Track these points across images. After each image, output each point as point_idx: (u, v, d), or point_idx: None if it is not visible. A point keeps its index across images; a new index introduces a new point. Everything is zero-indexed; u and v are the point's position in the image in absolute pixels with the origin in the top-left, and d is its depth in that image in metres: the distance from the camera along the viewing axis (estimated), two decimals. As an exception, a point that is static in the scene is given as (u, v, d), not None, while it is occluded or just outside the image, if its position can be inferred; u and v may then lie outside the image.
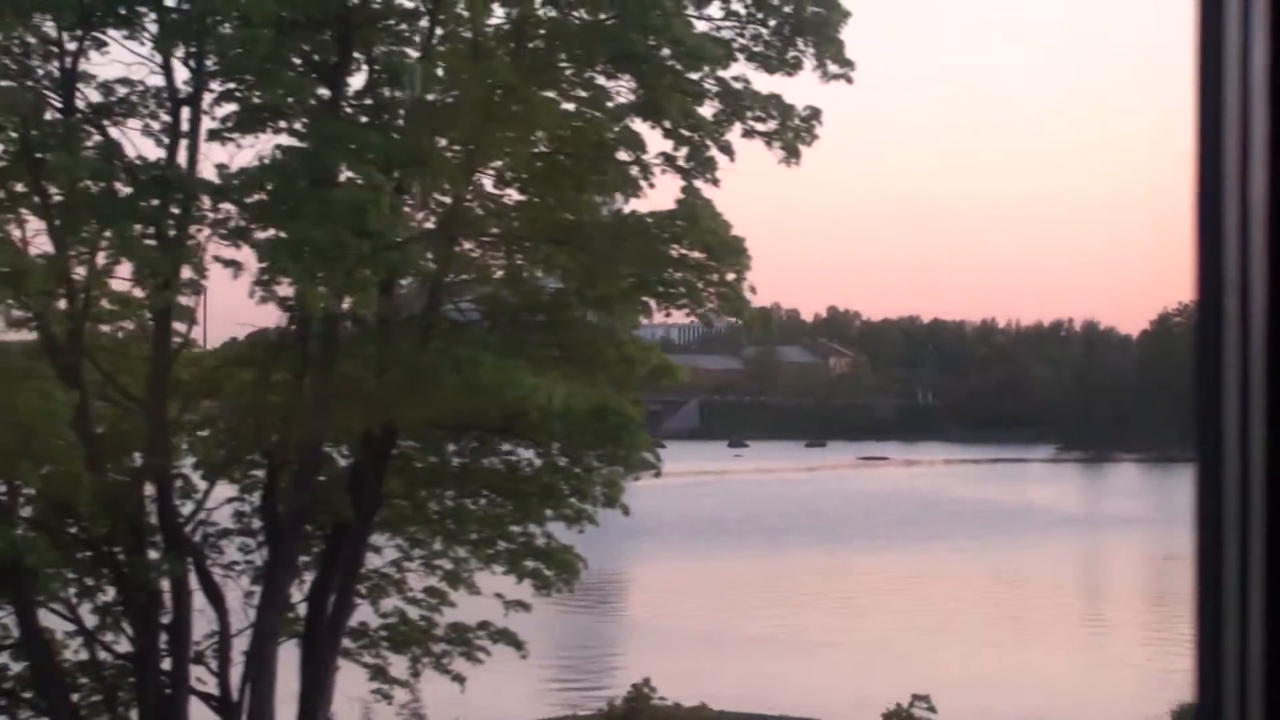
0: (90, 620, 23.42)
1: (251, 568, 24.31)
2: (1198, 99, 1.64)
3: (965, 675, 34.39)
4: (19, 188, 21.13)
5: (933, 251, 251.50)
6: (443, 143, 21.50)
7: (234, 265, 21.50)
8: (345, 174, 20.73)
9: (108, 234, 20.21)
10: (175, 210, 20.70)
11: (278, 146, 21.85)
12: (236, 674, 23.47)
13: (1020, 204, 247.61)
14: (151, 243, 20.19)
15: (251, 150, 26.39)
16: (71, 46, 21.47)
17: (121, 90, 22.05)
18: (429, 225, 22.00)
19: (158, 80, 21.65)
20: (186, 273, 21.22)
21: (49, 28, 21.13)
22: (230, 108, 21.82)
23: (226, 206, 21.60)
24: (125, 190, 20.79)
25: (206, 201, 21.28)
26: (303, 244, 19.41)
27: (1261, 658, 1.55)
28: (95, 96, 21.71)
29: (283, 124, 22.19)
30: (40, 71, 21.62)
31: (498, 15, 22.07)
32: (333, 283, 19.42)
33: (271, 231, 21.10)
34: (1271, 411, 1.54)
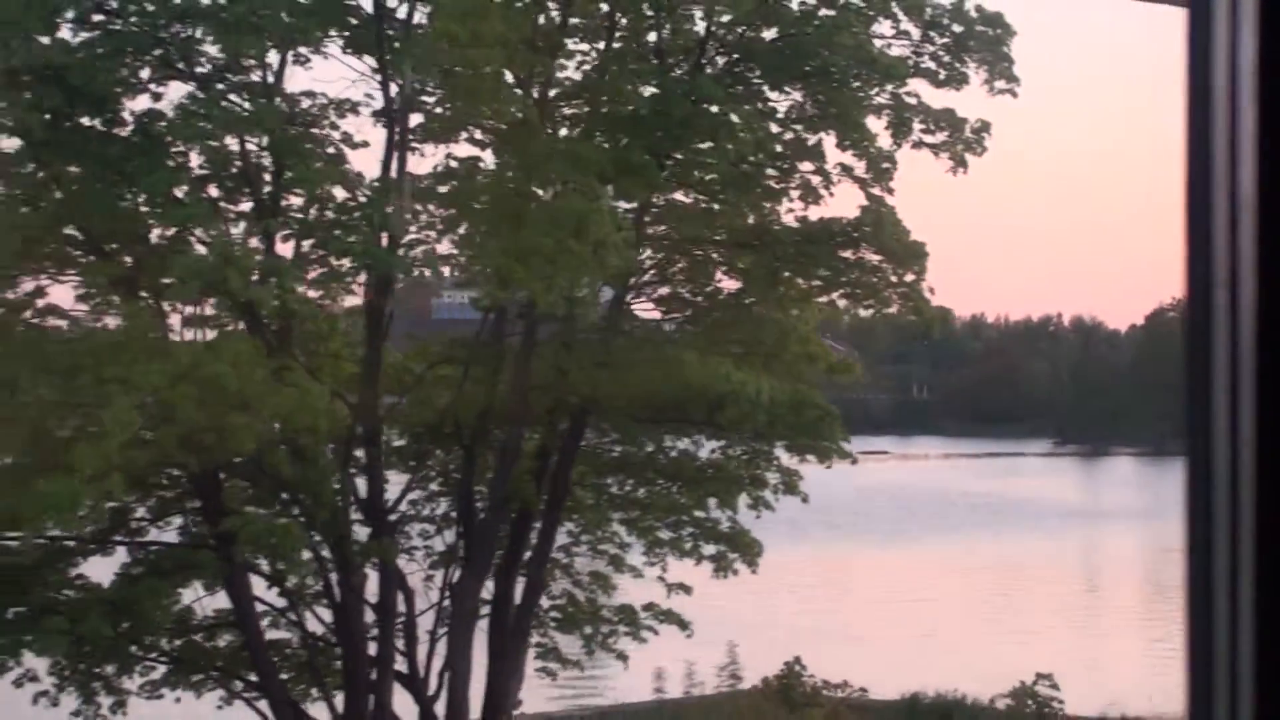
0: (280, 602, 24.80)
1: (429, 552, 25.72)
2: (1186, 93, 1.66)
3: (1070, 661, 35.92)
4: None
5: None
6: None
7: (442, 267, 23.02)
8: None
9: (350, 239, 21.54)
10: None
11: (471, 158, 23.43)
12: (420, 653, 24.90)
13: (1013, 198, 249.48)
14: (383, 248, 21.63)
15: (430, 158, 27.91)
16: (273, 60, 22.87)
17: (305, 102, 23.45)
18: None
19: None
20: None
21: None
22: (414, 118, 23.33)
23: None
24: (348, 198, 22.21)
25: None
26: (531, 250, 20.88)
27: (1251, 650, 1.58)
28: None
29: (468, 135, 23.78)
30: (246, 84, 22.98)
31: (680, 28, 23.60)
32: (559, 284, 20.87)
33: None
34: (1261, 404, 1.57)
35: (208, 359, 20.27)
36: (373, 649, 23.92)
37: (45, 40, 21.10)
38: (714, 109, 22.66)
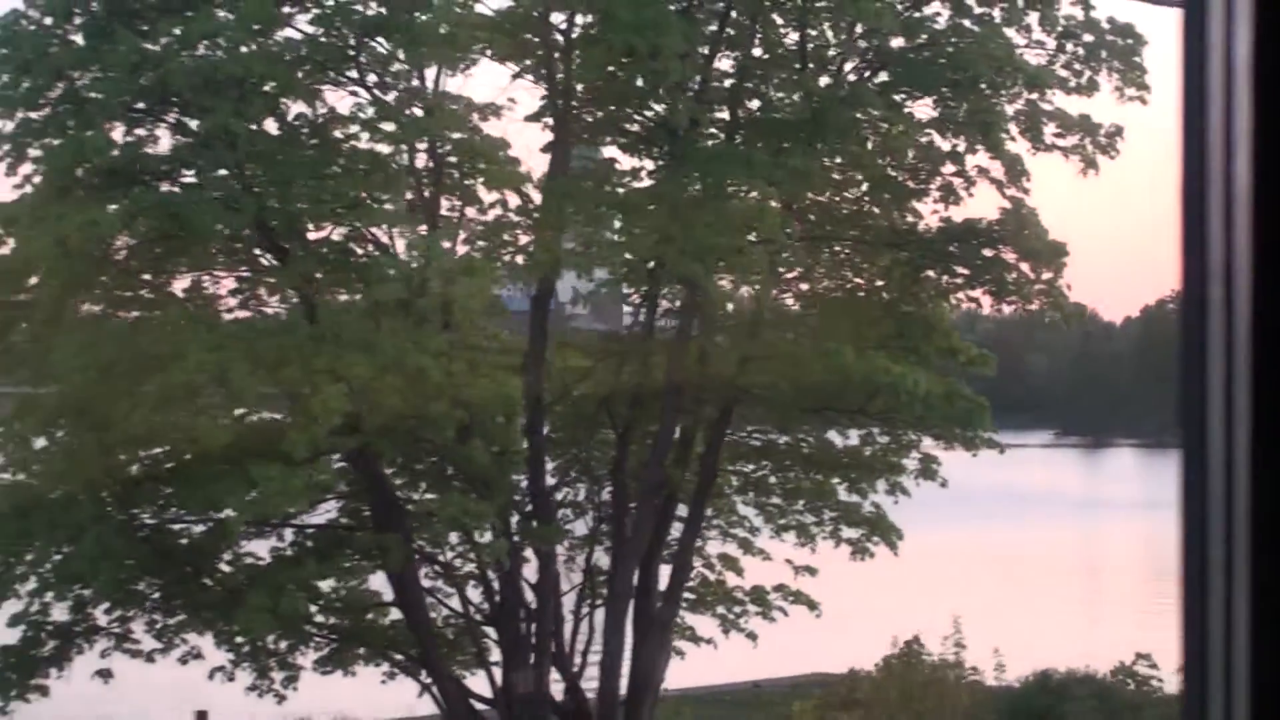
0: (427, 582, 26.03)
1: (571, 535, 26.95)
2: (1181, 86, 1.68)
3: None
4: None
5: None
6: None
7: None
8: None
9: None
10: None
11: (607, 159, 24.71)
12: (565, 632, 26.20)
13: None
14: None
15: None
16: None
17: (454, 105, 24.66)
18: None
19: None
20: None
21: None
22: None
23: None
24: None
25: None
26: (708, 247, 22.19)
27: (1246, 640, 1.59)
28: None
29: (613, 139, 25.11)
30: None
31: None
32: (739, 281, 22.23)
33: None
34: (1256, 397, 1.58)
35: (412, 352, 21.48)
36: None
37: (246, 49, 22.28)
38: (860, 115, 23.97)
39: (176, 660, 25.99)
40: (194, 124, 23.13)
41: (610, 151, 25.73)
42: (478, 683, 25.81)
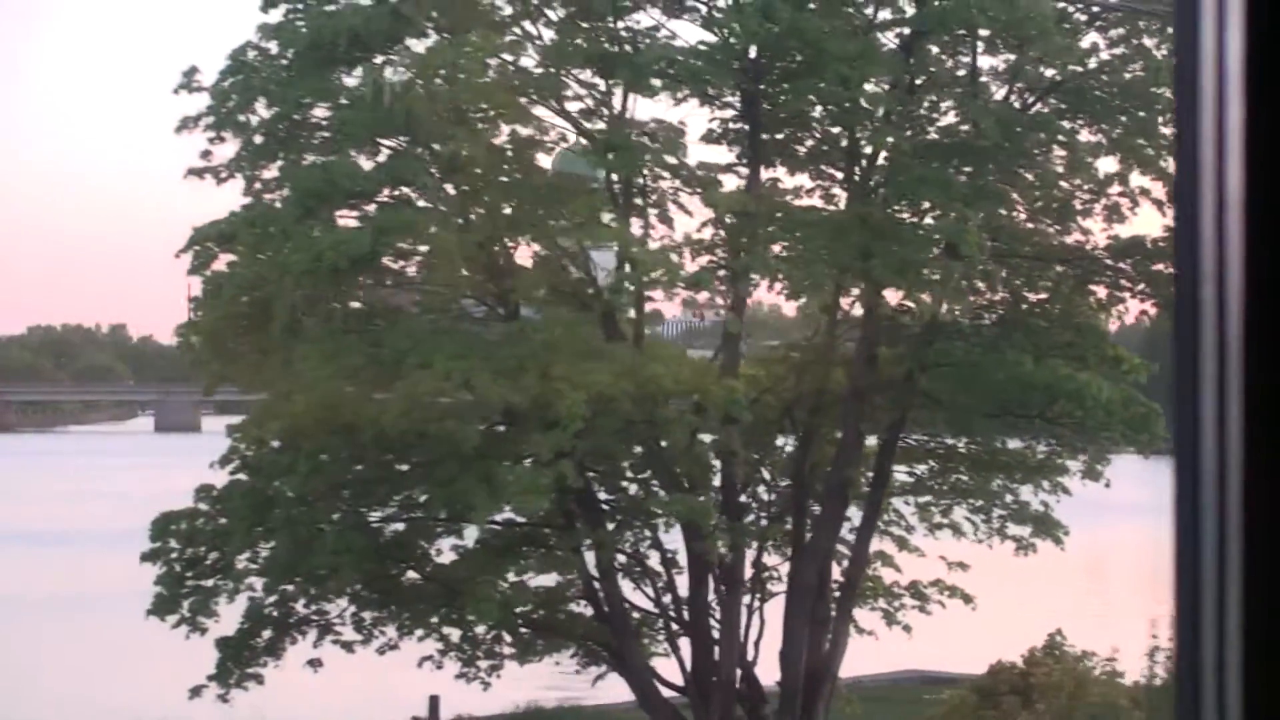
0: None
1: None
2: (1176, 94, 1.70)
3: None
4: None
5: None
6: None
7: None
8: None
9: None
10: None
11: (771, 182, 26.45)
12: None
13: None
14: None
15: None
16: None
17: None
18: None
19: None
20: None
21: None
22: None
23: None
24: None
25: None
26: (911, 264, 23.99)
27: (1239, 643, 1.60)
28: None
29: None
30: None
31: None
32: (937, 294, 23.99)
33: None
34: (1248, 400, 1.59)
35: (645, 360, 23.21)
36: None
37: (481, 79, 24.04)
38: (1040, 138, 25.80)
39: (374, 651, 27.72)
40: (419, 150, 24.89)
41: (782, 171, 27.41)
42: (666, 671, 27.45)
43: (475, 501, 23.30)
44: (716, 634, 27.23)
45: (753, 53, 25.31)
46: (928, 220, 25.12)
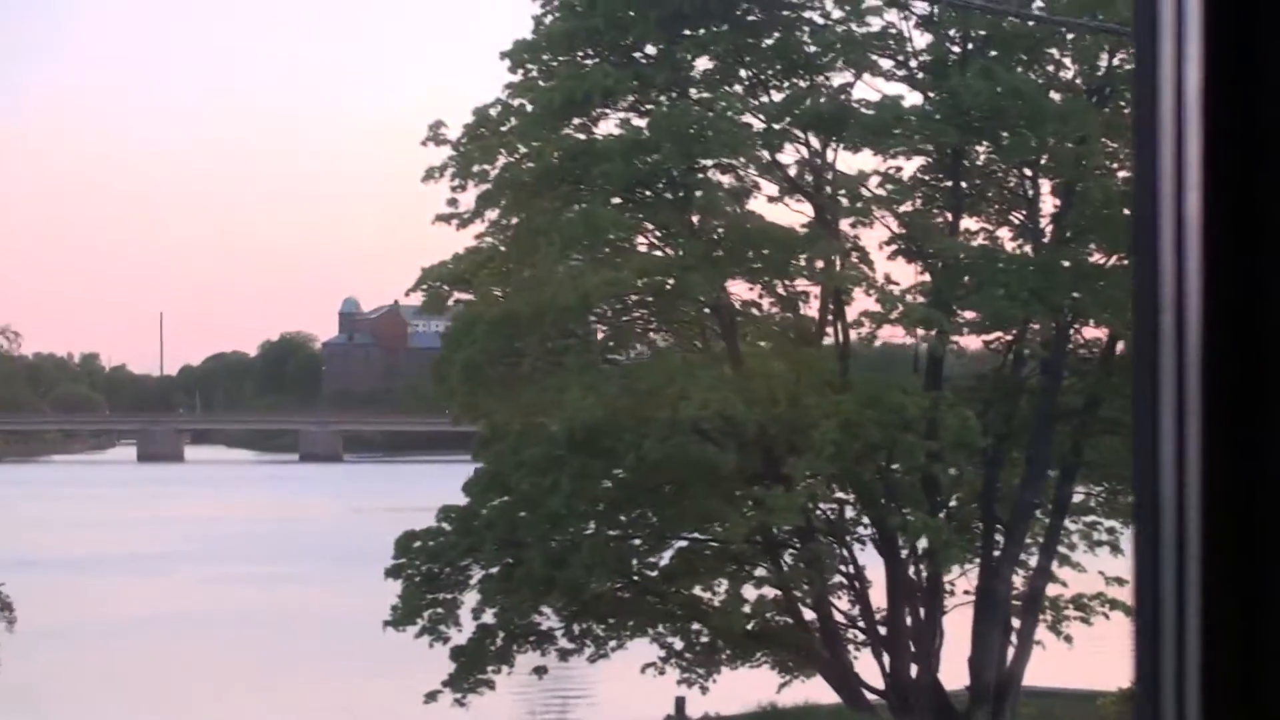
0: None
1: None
2: (1134, 121, 1.71)
3: None
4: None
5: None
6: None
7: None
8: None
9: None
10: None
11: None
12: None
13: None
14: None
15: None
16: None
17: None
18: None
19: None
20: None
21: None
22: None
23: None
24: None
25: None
26: (1115, 302, 26.43)
27: (1197, 652, 1.62)
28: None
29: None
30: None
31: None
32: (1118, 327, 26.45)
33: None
34: (1206, 426, 1.59)
35: (889, 391, 25.59)
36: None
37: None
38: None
39: (586, 659, 29.96)
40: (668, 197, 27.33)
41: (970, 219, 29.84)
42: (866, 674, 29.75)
43: (730, 518, 25.62)
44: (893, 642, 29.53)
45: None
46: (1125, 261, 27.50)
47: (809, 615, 29.24)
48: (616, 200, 27.31)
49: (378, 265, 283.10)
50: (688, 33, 27.94)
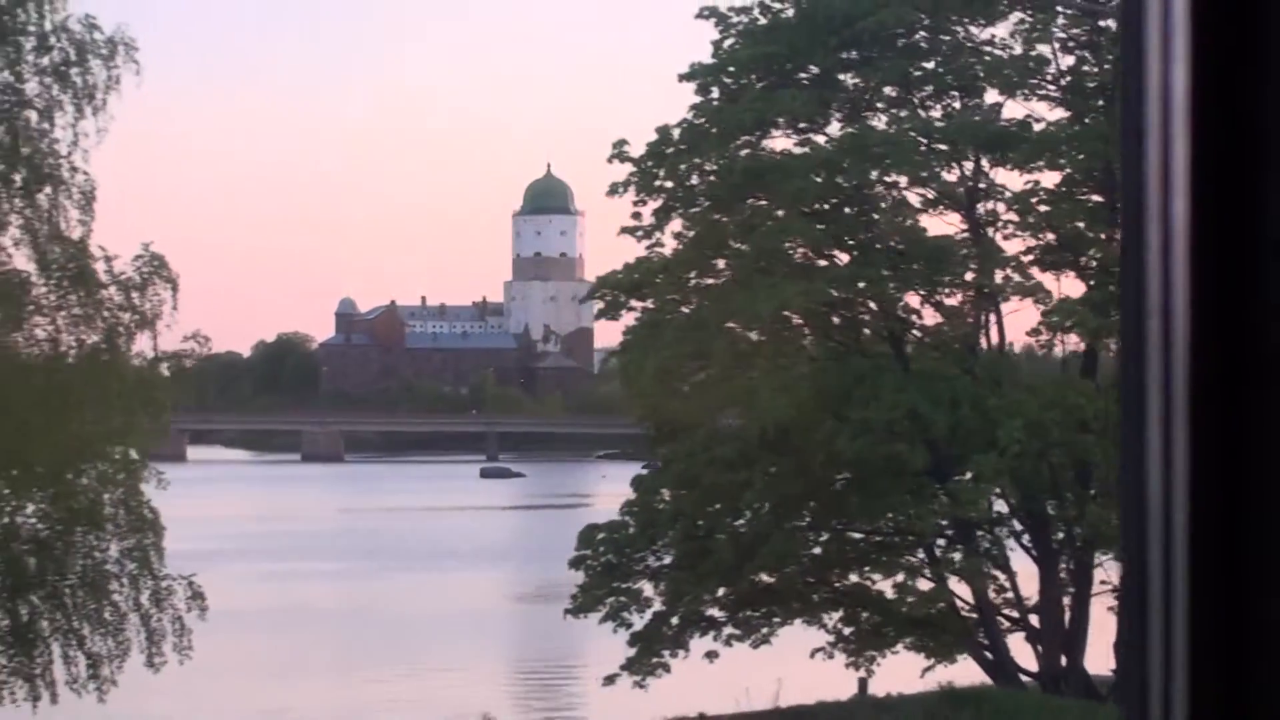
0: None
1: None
2: (1121, 127, 1.70)
3: None
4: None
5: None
6: None
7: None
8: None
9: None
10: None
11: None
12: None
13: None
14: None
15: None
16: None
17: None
18: None
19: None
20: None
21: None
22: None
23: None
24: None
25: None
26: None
27: (1184, 653, 1.58)
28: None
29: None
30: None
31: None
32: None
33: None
34: (1193, 431, 1.57)
35: (1069, 392, 27.57)
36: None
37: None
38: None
39: (749, 645, 31.83)
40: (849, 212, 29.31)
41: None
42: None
43: (919, 511, 27.59)
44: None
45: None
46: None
47: (961, 603, 31.20)
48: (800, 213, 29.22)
49: (373, 265, 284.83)
50: (851, 55, 29.96)
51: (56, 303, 27.25)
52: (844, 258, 29.73)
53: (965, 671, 31.73)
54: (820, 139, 29.82)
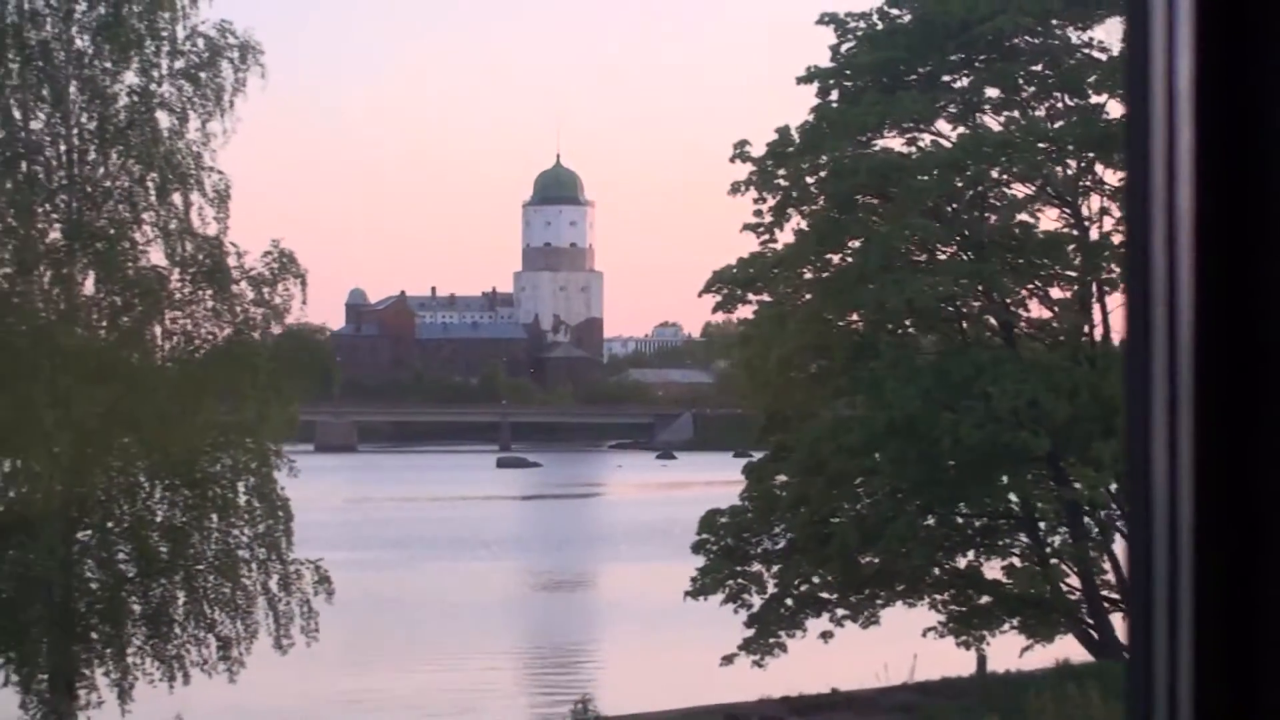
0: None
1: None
2: (1127, 116, 1.70)
3: None
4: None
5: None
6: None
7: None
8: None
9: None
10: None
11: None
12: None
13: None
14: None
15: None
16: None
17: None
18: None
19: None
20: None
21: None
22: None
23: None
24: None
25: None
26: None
27: (1189, 653, 1.59)
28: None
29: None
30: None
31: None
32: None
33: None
34: (1198, 420, 1.59)
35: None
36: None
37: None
38: None
39: (858, 625, 33.11)
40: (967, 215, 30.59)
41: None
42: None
43: (1041, 497, 28.91)
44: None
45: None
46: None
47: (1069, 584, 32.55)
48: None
49: (383, 255, 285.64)
50: (959, 58, 31.28)
51: (191, 297, 28.19)
52: (952, 252, 31.06)
53: (1065, 649, 33.09)
54: (925, 139, 31.15)
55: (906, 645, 32.73)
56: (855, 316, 31.29)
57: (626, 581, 62.63)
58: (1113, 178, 31.46)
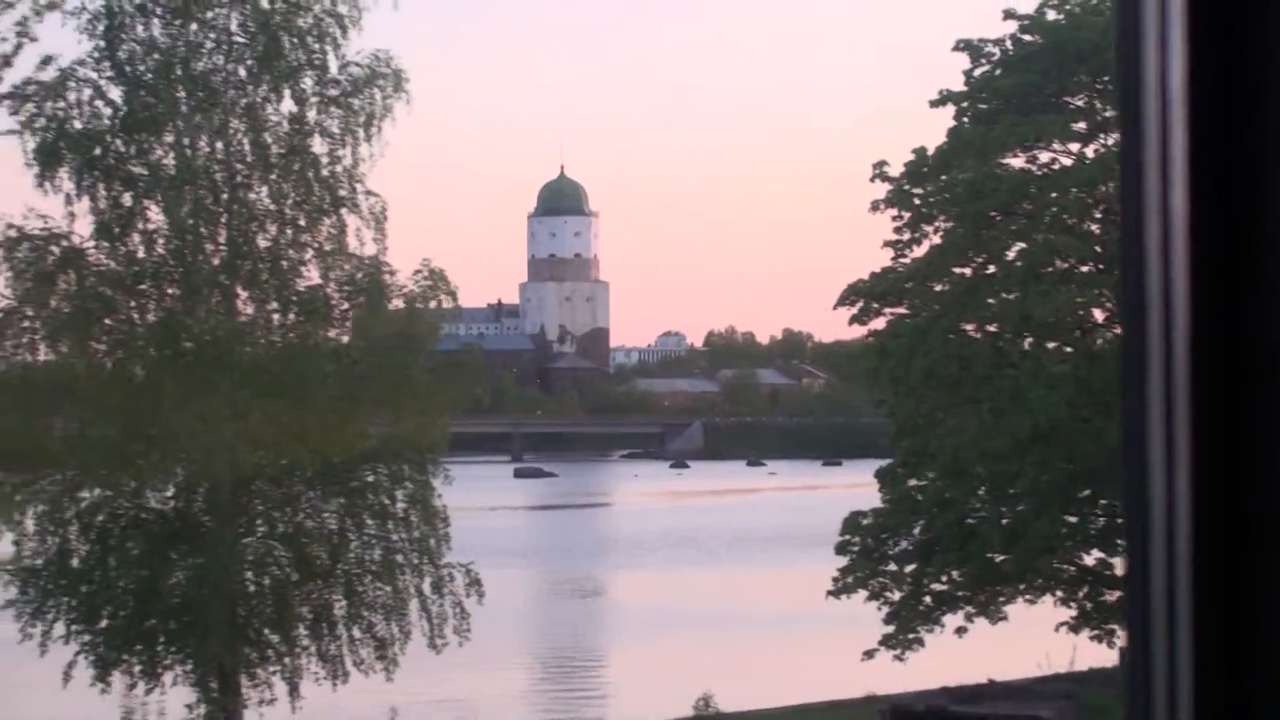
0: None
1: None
2: (1120, 119, 1.70)
3: None
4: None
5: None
6: None
7: None
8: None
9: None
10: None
11: None
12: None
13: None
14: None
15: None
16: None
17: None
18: None
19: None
20: None
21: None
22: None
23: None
24: None
25: None
26: None
27: (1189, 654, 1.61)
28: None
29: None
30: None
31: None
32: None
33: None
34: (1194, 423, 1.59)
35: None
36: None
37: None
38: None
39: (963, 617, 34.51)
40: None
41: None
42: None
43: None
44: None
45: None
46: None
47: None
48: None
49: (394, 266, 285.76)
50: (1082, 79, 32.89)
51: (350, 313, 29.51)
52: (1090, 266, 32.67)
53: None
54: (1043, 156, 32.76)
55: (1031, 640, 34.30)
56: (993, 328, 32.79)
57: (698, 586, 63.93)
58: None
